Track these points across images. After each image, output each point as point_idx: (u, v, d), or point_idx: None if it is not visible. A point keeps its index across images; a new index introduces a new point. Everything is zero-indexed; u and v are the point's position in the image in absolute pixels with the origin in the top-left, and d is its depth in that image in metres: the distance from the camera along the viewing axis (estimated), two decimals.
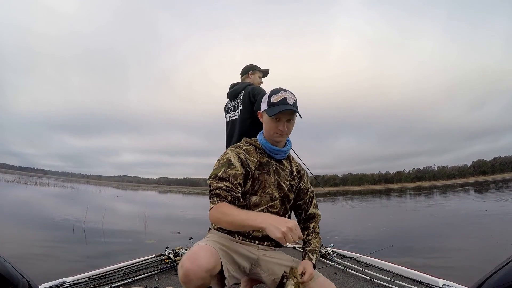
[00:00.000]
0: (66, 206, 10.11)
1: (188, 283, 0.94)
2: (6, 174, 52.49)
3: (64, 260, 3.42)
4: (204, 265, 0.92)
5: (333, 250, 2.61)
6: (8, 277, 1.12)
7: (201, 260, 0.93)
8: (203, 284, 0.96)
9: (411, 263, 3.07)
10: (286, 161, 1.30)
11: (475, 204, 12.29)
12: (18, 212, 7.42)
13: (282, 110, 1.13)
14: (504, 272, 0.97)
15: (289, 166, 1.29)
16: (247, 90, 2.14)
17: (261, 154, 1.24)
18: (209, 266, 0.93)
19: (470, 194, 19.75)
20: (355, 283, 1.90)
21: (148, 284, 1.74)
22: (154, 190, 56.17)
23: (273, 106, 1.16)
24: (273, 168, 1.24)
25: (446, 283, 1.64)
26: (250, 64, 2.37)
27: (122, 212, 10.28)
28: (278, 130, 1.18)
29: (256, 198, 1.19)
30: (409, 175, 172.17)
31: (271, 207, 1.21)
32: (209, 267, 0.93)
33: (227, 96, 2.33)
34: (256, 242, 1.21)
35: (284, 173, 1.26)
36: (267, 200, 1.20)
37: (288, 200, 1.27)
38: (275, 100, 1.16)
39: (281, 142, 1.23)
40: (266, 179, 1.21)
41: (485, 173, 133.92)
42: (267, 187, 1.21)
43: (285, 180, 1.25)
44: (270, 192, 1.21)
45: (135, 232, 5.77)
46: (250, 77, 2.33)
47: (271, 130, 1.20)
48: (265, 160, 1.23)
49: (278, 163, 1.26)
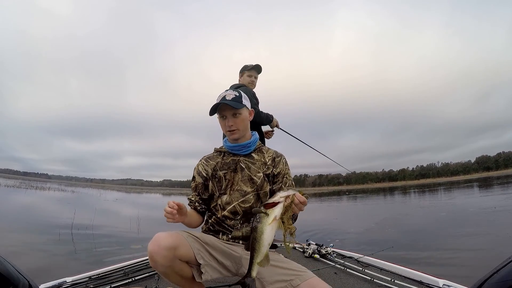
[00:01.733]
0: (59, 210, 10.02)
1: (155, 265, 1.02)
2: (10, 179, 52.94)
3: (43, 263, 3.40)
4: (162, 244, 1.01)
5: (333, 250, 2.61)
6: (9, 277, 1.14)
7: (160, 241, 1.02)
8: (171, 266, 1.03)
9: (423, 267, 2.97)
10: (257, 153, 1.33)
11: (483, 201, 12.04)
12: (6, 216, 7.45)
13: (213, 106, 1.22)
14: (504, 272, 0.96)
15: (261, 158, 1.32)
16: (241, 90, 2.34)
17: (225, 155, 1.32)
18: (168, 243, 1.01)
19: (477, 191, 19.39)
20: (355, 283, 1.89)
21: (148, 284, 1.74)
22: (158, 193, 56.38)
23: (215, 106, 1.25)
24: (240, 165, 1.28)
25: (446, 283, 1.62)
26: (244, 65, 2.51)
27: (116, 216, 10.23)
28: (227, 127, 1.25)
29: (227, 197, 1.26)
30: (412, 172, 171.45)
31: (243, 202, 1.25)
32: (168, 245, 1.01)
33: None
34: (241, 242, 1.24)
35: (254, 166, 1.29)
36: (237, 197, 1.25)
37: (264, 193, 1.27)
38: (216, 100, 1.25)
39: (239, 138, 1.29)
40: (233, 177, 1.27)
41: (489, 169, 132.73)
42: (235, 184, 1.26)
43: (257, 172, 1.28)
44: (239, 188, 1.26)
45: (124, 236, 5.66)
46: (240, 79, 2.51)
47: (223, 129, 1.29)
48: (230, 159, 1.30)
49: (246, 157, 1.30)
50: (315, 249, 2.57)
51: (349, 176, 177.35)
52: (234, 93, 1.26)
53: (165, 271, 1.04)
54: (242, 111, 1.24)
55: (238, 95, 1.25)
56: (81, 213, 7.37)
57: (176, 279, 1.09)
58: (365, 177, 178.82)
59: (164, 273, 1.05)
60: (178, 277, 1.09)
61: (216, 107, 1.23)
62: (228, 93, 1.25)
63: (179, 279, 1.10)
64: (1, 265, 1.12)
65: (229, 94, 1.25)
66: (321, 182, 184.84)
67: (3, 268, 1.13)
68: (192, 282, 1.13)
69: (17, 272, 1.19)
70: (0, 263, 1.13)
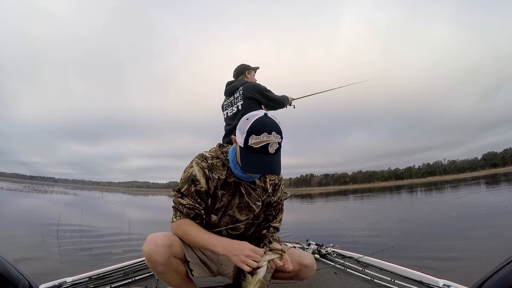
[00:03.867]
0: (50, 212, 9.87)
1: (154, 264, 1.01)
2: (17, 183, 53.42)
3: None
4: (159, 242, 1.00)
5: (333, 250, 2.60)
6: (9, 277, 1.15)
7: (157, 239, 1.01)
8: (168, 264, 1.03)
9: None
10: (259, 178, 1.19)
11: (493, 199, 11.63)
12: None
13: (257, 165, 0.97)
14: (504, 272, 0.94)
15: (262, 183, 1.20)
16: (247, 85, 2.22)
17: (229, 172, 1.13)
18: (165, 242, 1.01)
19: (486, 188, 18.94)
20: (355, 283, 1.88)
21: (148, 284, 1.75)
22: (164, 195, 56.69)
23: (249, 150, 0.97)
24: (240, 189, 1.15)
25: (446, 283, 1.60)
26: (242, 64, 2.43)
27: (110, 218, 10.14)
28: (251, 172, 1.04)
29: (216, 219, 1.15)
30: (419, 170, 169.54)
31: (232, 229, 1.17)
32: (166, 243, 1.01)
33: (224, 94, 2.41)
34: None
35: (255, 193, 1.18)
36: (227, 222, 1.15)
37: (259, 223, 1.23)
38: (253, 144, 0.96)
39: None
40: (229, 201, 1.14)
41: (496, 166, 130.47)
42: (229, 209, 1.15)
43: (256, 200, 1.18)
44: (232, 214, 1.15)
45: (112, 239, 5.56)
46: (247, 77, 2.40)
47: (241, 163, 1.03)
48: (232, 180, 1.13)
49: (249, 182, 1.17)
50: (315, 249, 2.57)
51: (355, 175, 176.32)
52: (277, 140, 0.97)
53: (164, 270, 1.04)
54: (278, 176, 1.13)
55: (281, 141, 0.98)
56: (75, 215, 7.30)
57: (173, 277, 1.09)
58: (371, 176, 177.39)
59: (162, 272, 1.05)
60: (174, 274, 1.09)
61: (255, 173, 1.03)
62: (272, 141, 0.95)
63: (175, 276, 1.09)
64: (1, 265, 1.13)
65: (273, 142, 0.96)
66: (327, 182, 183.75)
67: (3, 268, 1.14)
68: (187, 280, 1.14)
69: (17, 272, 1.20)
70: (0, 263, 1.14)
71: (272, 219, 1.27)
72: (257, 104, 2.20)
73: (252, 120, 0.97)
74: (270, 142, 0.95)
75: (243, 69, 2.41)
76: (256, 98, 2.18)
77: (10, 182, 61.18)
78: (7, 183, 49.05)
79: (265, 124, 0.96)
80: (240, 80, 2.36)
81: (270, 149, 0.95)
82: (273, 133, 0.96)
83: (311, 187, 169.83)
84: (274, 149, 0.96)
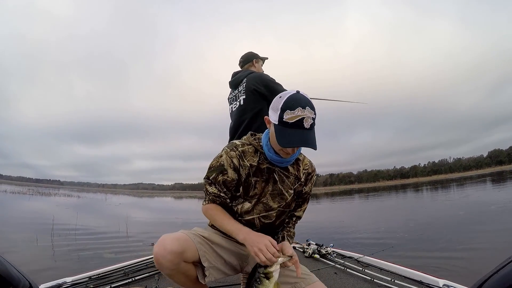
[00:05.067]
0: (48, 214, 9.59)
1: (160, 267, 1.01)
2: (23, 186, 53.72)
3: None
4: (168, 248, 0.98)
5: (333, 250, 2.59)
6: (9, 278, 1.16)
7: (166, 244, 0.99)
8: (176, 269, 1.02)
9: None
10: (293, 165, 1.16)
11: (502, 196, 11.36)
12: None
13: (293, 137, 0.95)
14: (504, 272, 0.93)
15: (295, 171, 1.16)
16: (250, 77, 1.99)
17: (262, 158, 1.11)
18: (174, 248, 0.98)
19: (492, 186, 18.56)
20: (355, 283, 1.88)
21: (148, 284, 1.76)
22: (169, 197, 56.80)
23: (284, 126, 0.96)
24: (274, 176, 1.12)
25: (446, 283, 1.59)
26: (250, 52, 2.18)
27: (109, 219, 10.10)
28: (286, 150, 1.03)
29: (249, 206, 1.12)
30: (424, 169, 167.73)
31: (264, 218, 1.15)
32: (174, 249, 0.98)
33: (229, 86, 2.20)
34: None
35: (288, 180, 1.14)
36: (260, 210, 1.13)
37: (289, 212, 1.21)
38: (288, 119, 0.95)
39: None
40: (263, 188, 1.12)
41: (502, 163, 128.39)
42: (263, 196, 1.12)
43: (289, 188, 1.15)
44: (266, 202, 1.13)
45: (107, 239, 5.49)
46: (254, 66, 2.15)
47: (277, 147, 1.04)
48: (265, 166, 1.11)
49: (282, 169, 1.13)
50: (315, 249, 2.56)
51: (360, 174, 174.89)
52: (312, 116, 0.96)
53: (170, 273, 1.03)
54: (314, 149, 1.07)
55: (315, 117, 0.98)
56: (74, 217, 7.22)
57: (180, 280, 1.09)
58: (377, 175, 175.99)
59: (169, 275, 1.05)
60: (183, 278, 1.08)
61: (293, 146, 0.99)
62: (306, 115, 0.95)
63: (183, 279, 1.08)
64: (1, 265, 1.14)
65: (308, 117, 0.95)
66: (332, 182, 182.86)
67: (3, 268, 1.15)
68: (196, 282, 1.12)
69: (17, 272, 1.21)
70: (0, 263, 1.15)
71: (297, 207, 1.24)
72: (262, 99, 1.91)
73: (285, 97, 0.98)
74: (305, 116, 0.94)
75: (250, 57, 2.16)
76: (259, 91, 1.89)
77: (16, 185, 61.66)
78: (13, 186, 49.41)
79: (298, 100, 0.96)
80: (246, 70, 2.11)
81: (305, 123, 0.95)
82: (307, 108, 0.95)
83: (316, 187, 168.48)
84: (309, 124, 0.95)
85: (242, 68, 2.20)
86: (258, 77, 1.96)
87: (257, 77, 1.96)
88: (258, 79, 1.94)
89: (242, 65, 2.20)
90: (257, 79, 1.93)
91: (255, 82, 1.92)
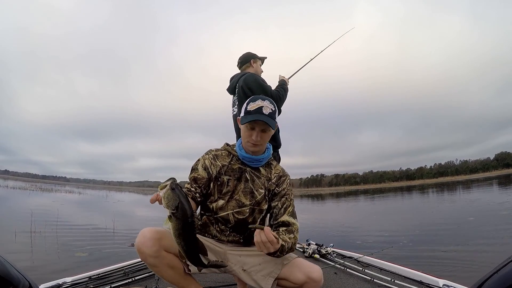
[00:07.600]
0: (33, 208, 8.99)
1: (143, 256, 1.07)
2: (29, 182, 53.40)
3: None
4: (148, 235, 1.06)
5: (333, 250, 2.59)
6: (9, 278, 1.16)
7: (146, 233, 1.07)
8: (159, 256, 1.07)
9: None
10: (265, 168, 1.30)
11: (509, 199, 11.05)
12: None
13: (253, 120, 1.15)
14: (504, 272, 0.93)
15: (267, 173, 1.29)
16: (241, 80, 1.99)
17: (234, 159, 1.27)
18: (152, 235, 1.07)
19: (500, 190, 18.09)
20: (355, 283, 1.87)
21: (148, 284, 1.77)
22: None
23: (247, 114, 1.18)
24: (245, 175, 1.26)
25: (446, 283, 1.58)
26: (248, 52, 2.19)
27: (99, 215, 9.78)
28: (251, 139, 1.19)
29: (223, 203, 1.24)
30: (430, 170, 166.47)
31: (238, 213, 1.24)
32: (154, 236, 1.06)
33: (227, 92, 2.21)
34: (226, 241, 1.27)
35: (259, 180, 1.27)
36: (234, 206, 1.24)
37: (260, 210, 1.26)
38: (251, 108, 1.17)
39: (256, 151, 1.23)
40: (235, 185, 1.24)
41: (509, 166, 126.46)
42: (236, 193, 1.24)
43: (259, 188, 1.26)
44: (238, 198, 1.24)
45: (89, 240, 5.20)
46: (252, 66, 2.15)
47: (245, 139, 1.22)
48: (237, 166, 1.26)
49: (253, 170, 1.27)
50: (315, 249, 2.56)
51: (366, 175, 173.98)
52: (271, 107, 1.17)
53: (154, 263, 1.06)
54: (272, 128, 1.19)
55: (274, 110, 1.18)
56: (65, 213, 7.20)
57: (168, 274, 1.11)
58: (382, 176, 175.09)
59: (154, 265, 1.07)
60: (170, 271, 1.10)
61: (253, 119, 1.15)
62: (265, 105, 1.16)
63: (171, 273, 1.11)
64: (1, 266, 1.15)
65: (266, 106, 1.16)
66: (338, 182, 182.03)
67: (3, 269, 1.15)
68: (186, 277, 1.15)
69: (17, 272, 1.21)
70: (0, 263, 1.15)
71: (279, 211, 1.26)
72: None
73: (250, 98, 1.23)
74: (264, 105, 1.16)
75: (248, 57, 2.16)
76: (248, 95, 1.86)
77: (23, 181, 61.38)
78: (20, 182, 49.31)
79: (260, 96, 1.22)
80: (240, 73, 2.13)
81: (264, 111, 1.15)
82: (266, 101, 1.18)
83: (322, 187, 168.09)
84: (267, 111, 1.16)
85: (240, 69, 2.21)
86: (250, 77, 1.97)
87: (249, 77, 1.97)
88: (245, 81, 1.95)
89: (240, 66, 2.21)
90: (245, 82, 1.95)
91: (244, 84, 1.95)
